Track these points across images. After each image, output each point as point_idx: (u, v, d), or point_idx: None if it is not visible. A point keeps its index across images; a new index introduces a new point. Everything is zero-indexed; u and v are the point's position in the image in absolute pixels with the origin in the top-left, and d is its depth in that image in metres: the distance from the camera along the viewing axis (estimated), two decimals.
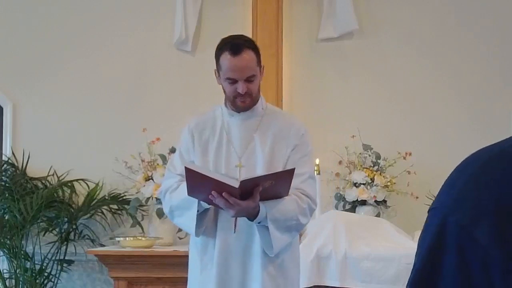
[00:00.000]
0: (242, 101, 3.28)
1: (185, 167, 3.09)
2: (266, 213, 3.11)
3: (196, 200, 3.18)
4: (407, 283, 0.94)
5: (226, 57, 3.25)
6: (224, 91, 3.33)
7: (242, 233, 3.23)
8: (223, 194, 3.00)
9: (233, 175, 3.17)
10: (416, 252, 0.95)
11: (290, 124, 3.38)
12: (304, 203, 3.25)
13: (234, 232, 3.20)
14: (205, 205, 3.19)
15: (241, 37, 3.40)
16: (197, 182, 3.06)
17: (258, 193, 3.03)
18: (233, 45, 3.26)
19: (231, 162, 3.29)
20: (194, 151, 3.36)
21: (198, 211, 3.19)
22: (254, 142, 3.32)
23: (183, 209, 3.25)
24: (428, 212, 0.95)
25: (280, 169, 3.23)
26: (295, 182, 3.23)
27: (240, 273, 3.23)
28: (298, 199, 3.23)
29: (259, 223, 3.14)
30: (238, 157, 3.31)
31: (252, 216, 3.12)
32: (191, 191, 3.11)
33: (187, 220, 3.25)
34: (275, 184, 3.08)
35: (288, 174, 3.11)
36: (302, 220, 3.24)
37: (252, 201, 3.04)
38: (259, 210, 3.10)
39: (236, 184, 2.97)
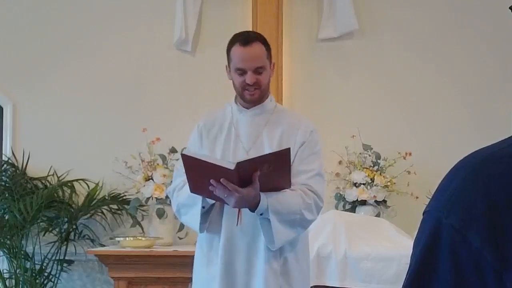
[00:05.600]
0: (251, 93, 3.30)
1: (181, 154, 3.11)
2: (268, 204, 3.10)
3: (201, 197, 3.18)
4: (402, 286, 0.95)
5: (236, 48, 3.30)
6: (234, 85, 3.35)
7: (248, 229, 3.21)
8: (221, 180, 2.98)
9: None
10: (411, 254, 0.96)
11: (299, 121, 3.39)
12: (310, 198, 3.22)
13: (237, 225, 3.19)
14: (210, 200, 3.19)
15: (251, 32, 3.49)
16: (195, 172, 3.04)
17: (257, 179, 3.02)
18: (244, 36, 3.34)
19: (238, 156, 3.28)
20: (202, 148, 3.37)
21: (203, 207, 3.19)
22: (262, 137, 3.33)
23: (188, 206, 3.26)
24: (423, 214, 0.96)
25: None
26: (302, 178, 3.23)
27: (244, 269, 3.22)
28: (303, 194, 3.21)
29: (261, 214, 3.12)
30: (246, 151, 3.31)
31: (253, 206, 3.10)
32: (193, 186, 3.10)
33: (192, 217, 3.25)
34: (274, 170, 3.05)
35: (284, 155, 3.07)
36: (307, 216, 3.21)
37: (252, 188, 3.03)
38: (260, 200, 3.09)
39: (231, 166, 2.95)
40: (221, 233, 3.24)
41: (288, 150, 3.09)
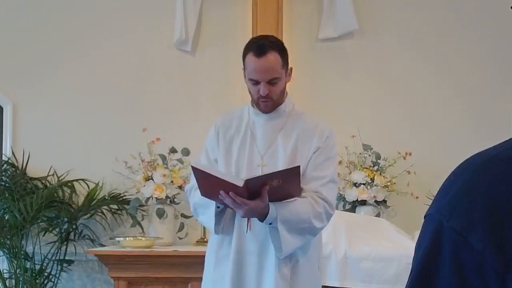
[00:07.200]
0: (265, 104, 3.27)
1: (191, 166, 3.10)
2: (277, 214, 3.09)
3: None
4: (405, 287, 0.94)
5: (250, 58, 3.23)
6: (249, 92, 3.32)
7: (259, 232, 3.20)
8: (230, 193, 2.98)
9: (255, 174, 3.16)
10: (413, 257, 0.96)
11: (315, 126, 3.34)
12: (320, 207, 3.19)
13: (247, 232, 3.18)
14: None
15: (268, 38, 3.35)
16: (205, 181, 3.06)
17: (266, 193, 3.00)
18: (258, 46, 3.23)
19: (253, 161, 3.28)
20: (219, 149, 3.35)
21: (218, 207, 3.18)
22: (277, 142, 3.30)
23: (205, 207, 3.25)
24: (424, 217, 0.95)
25: (301, 171, 3.17)
26: (314, 185, 3.21)
27: (255, 272, 3.20)
28: (314, 202, 3.18)
29: (270, 224, 3.11)
30: (261, 156, 3.29)
31: (262, 216, 3.09)
32: (204, 192, 3.12)
33: (208, 218, 3.24)
34: (283, 184, 3.04)
35: (293, 172, 3.07)
36: (316, 224, 3.18)
37: (260, 200, 3.02)
38: (269, 210, 3.08)
39: (240, 183, 2.96)
40: (232, 235, 3.23)
41: (298, 168, 3.07)
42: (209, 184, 3.05)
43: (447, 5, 5.53)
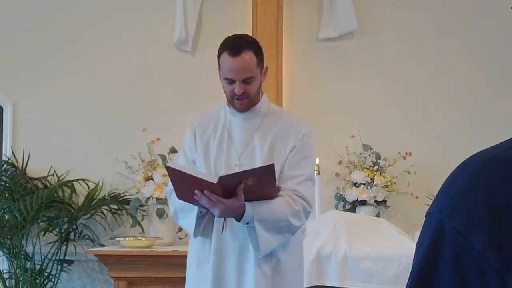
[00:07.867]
0: (240, 103, 3.27)
1: (166, 166, 3.12)
2: (253, 213, 3.09)
3: None
4: (405, 287, 0.94)
5: (225, 57, 3.24)
6: (224, 91, 3.32)
7: (238, 232, 3.20)
8: (205, 191, 2.98)
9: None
10: (414, 256, 0.95)
11: (292, 125, 3.34)
12: (298, 205, 3.19)
13: (222, 232, 3.18)
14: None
15: (243, 38, 3.36)
16: (181, 182, 3.06)
17: (241, 191, 3.00)
18: (233, 45, 3.24)
19: (231, 161, 3.28)
20: (197, 150, 3.36)
21: (201, 212, 3.18)
22: (254, 142, 3.30)
23: (186, 211, 3.24)
24: (425, 216, 0.95)
25: (278, 170, 3.19)
26: (291, 183, 3.21)
27: (235, 272, 3.21)
28: (291, 200, 3.18)
29: (247, 223, 3.11)
30: (238, 156, 3.29)
31: (239, 216, 3.09)
32: (180, 195, 3.12)
33: (189, 221, 3.24)
34: (258, 183, 3.04)
35: (268, 170, 3.06)
36: (294, 222, 3.18)
37: (236, 199, 3.02)
38: (245, 210, 3.08)
39: (214, 180, 2.96)
40: (212, 236, 3.23)
41: (272, 166, 3.06)
42: (185, 185, 3.05)
43: (447, 5, 5.53)
